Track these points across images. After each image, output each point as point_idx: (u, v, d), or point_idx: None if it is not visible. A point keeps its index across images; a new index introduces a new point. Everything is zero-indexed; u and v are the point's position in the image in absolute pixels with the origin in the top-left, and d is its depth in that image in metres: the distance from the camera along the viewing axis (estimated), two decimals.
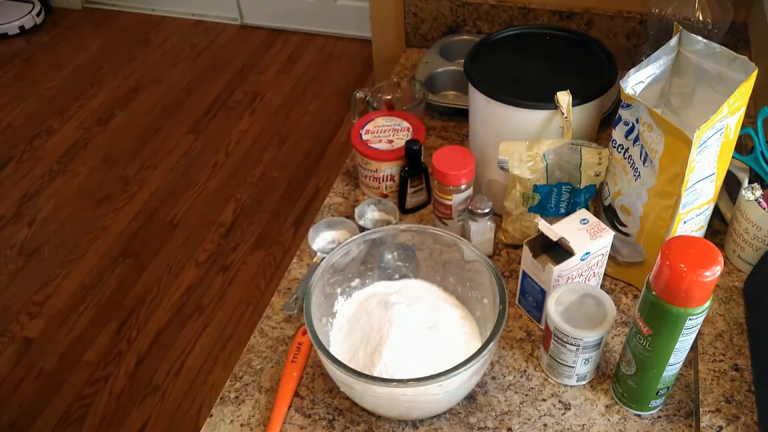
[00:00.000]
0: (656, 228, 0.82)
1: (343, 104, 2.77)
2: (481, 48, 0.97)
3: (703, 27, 1.06)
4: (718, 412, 0.74)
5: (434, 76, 1.27)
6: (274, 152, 2.58)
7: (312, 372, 0.84)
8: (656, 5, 1.09)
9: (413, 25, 1.40)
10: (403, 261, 0.87)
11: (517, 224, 0.94)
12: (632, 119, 0.80)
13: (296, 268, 0.98)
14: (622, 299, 0.90)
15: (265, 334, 0.90)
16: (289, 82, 2.93)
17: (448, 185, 0.92)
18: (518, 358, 0.84)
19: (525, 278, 0.84)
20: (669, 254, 0.62)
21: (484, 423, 0.77)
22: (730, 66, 0.77)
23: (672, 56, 0.83)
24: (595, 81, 0.90)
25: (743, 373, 0.78)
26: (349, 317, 0.83)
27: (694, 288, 0.62)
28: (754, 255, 0.86)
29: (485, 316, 0.79)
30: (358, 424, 0.79)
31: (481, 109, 0.94)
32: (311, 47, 3.13)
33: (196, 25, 3.34)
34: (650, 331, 0.67)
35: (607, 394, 0.79)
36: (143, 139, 2.67)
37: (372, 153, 1.01)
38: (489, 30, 1.35)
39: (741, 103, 0.74)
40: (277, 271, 2.14)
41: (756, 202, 0.84)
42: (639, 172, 0.81)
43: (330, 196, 1.09)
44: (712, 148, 0.75)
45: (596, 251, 0.80)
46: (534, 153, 0.86)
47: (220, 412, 0.81)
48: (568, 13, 1.28)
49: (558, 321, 0.74)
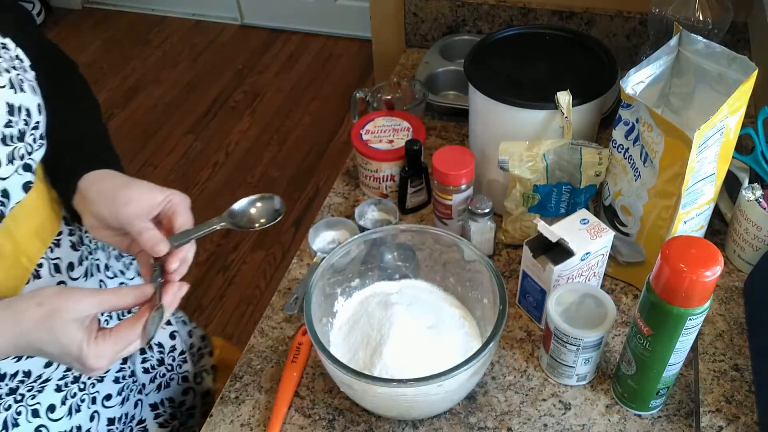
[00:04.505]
0: (656, 228, 0.82)
1: (343, 104, 2.77)
2: (481, 48, 0.97)
3: (703, 27, 1.06)
4: (719, 412, 0.74)
5: (434, 76, 1.27)
6: (274, 152, 2.58)
7: (312, 372, 0.84)
8: (656, 5, 1.09)
9: (413, 25, 1.40)
10: (403, 261, 0.87)
11: (517, 224, 0.94)
12: (632, 119, 0.80)
13: (296, 268, 0.98)
14: (622, 299, 0.90)
15: (265, 334, 0.90)
16: (289, 82, 2.93)
17: (448, 185, 0.92)
18: (518, 358, 0.84)
19: (525, 278, 0.84)
20: (669, 254, 0.62)
21: (484, 423, 0.77)
22: (730, 66, 0.77)
23: (672, 56, 0.83)
24: (595, 81, 0.90)
25: (743, 373, 0.78)
26: (349, 317, 0.83)
27: (694, 288, 0.62)
28: (754, 255, 0.86)
29: (485, 316, 0.79)
30: (358, 424, 0.78)
31: (481, 109, 0.94)
32: (311, 47, 3.13)
33: (196, 25, 3.34)
34: (650, 331, 0.67)
35: (608, 394, 0.79)
36: (143, 139, 2.67)
37: (372, 153, 1.01)
38: (489, 30, 1.35)
39: (741, 103, 0.74)
40: (277, 271, 2.14)
41: (756, 202, 0.84)
42: (639, 172, 0.81)
43: (330, 196, 1.09)
44: (712, 148, 0.75)
45: (596, 251, 0.80)
46: (534, 153, 0.86)
47: (220, 412, 0.81)
48: (568, 13, 1.28)
49: (558, 321, 0.74)
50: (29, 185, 0.67)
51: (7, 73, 0.62)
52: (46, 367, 0.72)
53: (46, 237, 0.71)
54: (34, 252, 0.69)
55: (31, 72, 0.67)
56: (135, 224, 0.64)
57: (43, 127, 0.68)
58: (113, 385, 0.84)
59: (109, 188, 0.67)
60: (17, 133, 0.63)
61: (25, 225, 0.68)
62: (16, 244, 0.67)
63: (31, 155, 0.66)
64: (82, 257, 0.76)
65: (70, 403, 0.77)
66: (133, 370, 0.88)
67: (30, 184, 0.67)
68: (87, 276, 0.77)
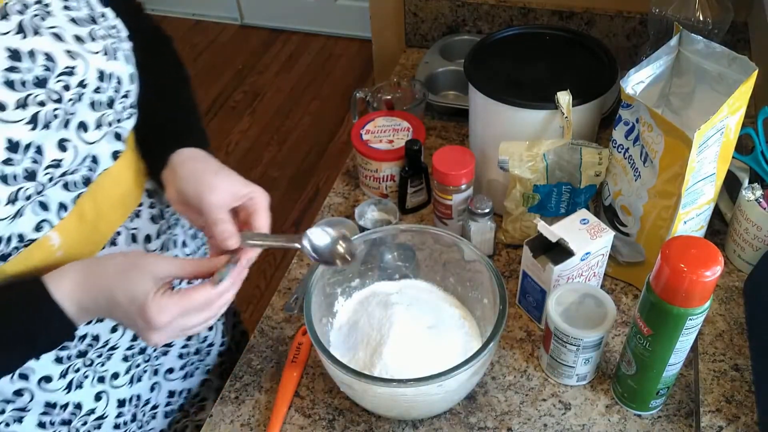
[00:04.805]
0: (656, 228, 0.82)
1: (343, 104, 2.77)
2: (481, 48, 0.97)
3: (703, 27, 1.06)
4: (719, 412, 0.74)
5: (434, 76, 1.27)
6: (274, 152, 2.58)
7: (312, 372, 0.84)
8: (656, 5, 1.09)
9: (413, 25, 1.40)
10: (403, 261, 0.87)
11: (517, 224, 0.94)
12: (632, 119, 0.80)
13: (296, 268, 0.98)
14: (622, 299, 0.90)
15: (265, 334, 0.90)
16: (289, 82, 2.93)
17: (448, 185, 0.92)
18: (518, 358, 0.84)
19: (525, 278, 0.84)
20: (669, 254, 0.62)
21: (484, 423, 0.77)
22: (730, 66, 0.77)
23: (672, 56, 0.83)
24: (595, 81, 0.90)
25: (743, 373, 0.78)
26: (349, 317, 0.83)
27: (694, 288, 0.62)
28: (755, 255, 0.86)
29: (485, 316, 0.79)
30: (358, 424, 0.78)
31: (481, 109, 0.94)
32: (311, 47, 3.13)
33: (196, 25, 3.34)
34: (650, 331, 0.67)
35: (608, 394, 0.79)
36: None
37: (372, 153, 1.01)
38: (489, 30, 1.35)
39: (741, 103, 0.74)
40: (277, 271, 2.14)
41: (756, 202, 0.84)
42: (639, 172, 0.81)
43: (330, 196, 1.09)
44: (712, 148, 0.75)
45: (596, 251, 0.80)
46: (534, 153, 0.86)
47: (220, 412, 0.81)
48: (568, 13, 1.28)
49: (558, 321, 0.74)
50: (118, 154, 0.69)
51: (102, 40, 0.65)
52: (112, 332, 0.74)
53: (128, 206, 0.73)
54: (114, 220, 0.71)
55: (127, 42, 0.70)
56: (213, 213, 0.65)
57: (134, 97, 0.70)
58: (177, 360, 0.86)
59: (199, 170, 0.69)
60: (106, 100, 0.65)
61: (109, 192, 0.70)
62: (99, 210, 0.69)
63: (121, 123, 0.69)
64: (160, 231, 0.78)
65: (134, 372, 0.80)
66: (198, 348, 0.90)
67: (119, 153, 0.70)
68: (162, 250, 0.79)
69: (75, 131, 0.63)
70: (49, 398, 0.71)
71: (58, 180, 0.63)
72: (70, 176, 0.64)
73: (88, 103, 0.63)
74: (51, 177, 0.61)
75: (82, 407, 0.75)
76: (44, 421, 0.72)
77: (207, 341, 0.91)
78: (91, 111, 0.64)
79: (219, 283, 0.61)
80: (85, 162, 0.65)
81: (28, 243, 0.62)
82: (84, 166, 0.65)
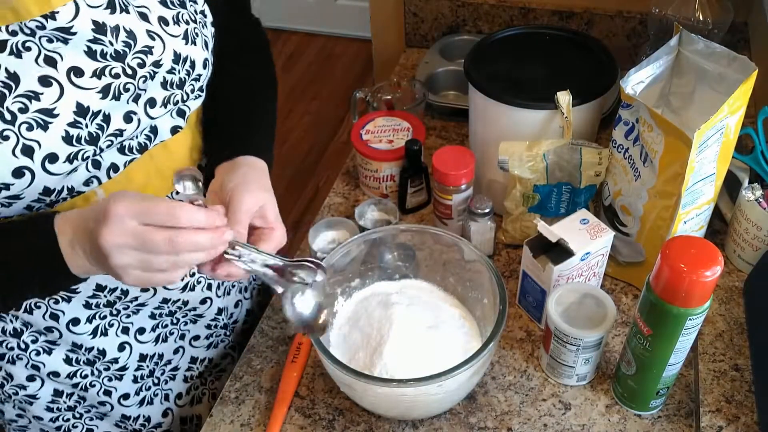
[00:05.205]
0: (656, 228, 0.82)
1: (343, 104, 2.77)
2: (481, 48, 0.97)
3: (703, 27, 1.06)
4: (718, 412, 0.74)
5: (434, 76, 1.27)
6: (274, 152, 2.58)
7: (312, 372, 0.84)
8: (656, 5, 1.09)
9: (413, 25, 1.40)
10: (403, 261, 0.87)
11: (517, 224, 0.94)
12: (632, 119, 0.80)
13: None
14: (622, 299, 0.90)
15: (265, 334, 0.90)
16: (289, 82, 2.93)
17: (448, 185, 0.92)
18: (518, 358, 0.84)
19: (525, 278, 0.84)
20: (669, 254, 0.62)
21: (484, 423, 0.77)
22: (730, 66, 0.77)
23: (672, 56, 0.83)
24: (595, 81, 0.90)
25: (743, 373, 0.78)
26: (349, 317, 0.83)
27: (694, 288, 0.62)
28: (755, 255, 0.86)
29: (485, 316, 0.79)
30: (358, 424, 0.79)
31: (481, 109, 0.94)
32: (311, 47, 3.13)
33: None
34: (650, 331, 0.67)
35: (608, 394, 0.79)
36: None
37: (372, 153, 1.01)
38: (489, 30, 1.35)
39: (741, 103, 0.74)
40: None
41: (756, 202, 0.84)
42: (639, 172, 0.81)
43: (330, 196, 1.09)
44: (712, 148, 0.75)
45: (596, 251, 0.80)
46: (534, 153, 0.86)
47: (220, 412, 0.81)
48: (568, 13, 1.28)
49: (558, 321, 0.74)
50: (177, 129, 0.72)
51: (185, 24, 0.68)
52: (142, 291, 0.77)
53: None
54: (160, 189, 0.74)
55: (210, 28, 0.73)
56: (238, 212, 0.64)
57: (204, 80, 0.73)
58: (205, 329, 0.89)
59: (253, 177, 0.71)
60: (177, 81, 0.68)
61: (160, 163, 0.73)
62: (147, 177, 0.72)
63: (187, 102, 0.72)
64: None
65: (159, 332, 0.84)
66: (225, 323, 0.91)
67: (178, 129, 0.73)
68: None
69: (143, 106, 0.66)
70: (75, 339, 0.77)
71: (116, 145, 0.66)
72: (127, 141, 0.67)
73: (159, 81, 0.67)
74: (111, 143, 0.64)
75: (106, 354, 0.80)
76: (71, 358, 0.79)
77: (233, 317, 0.93)
78: (162, 89, 0.67)
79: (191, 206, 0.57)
80: (144, 131, 0.68)
81: (76, 195, 0.66)
82: (143, 135, 0.68)
